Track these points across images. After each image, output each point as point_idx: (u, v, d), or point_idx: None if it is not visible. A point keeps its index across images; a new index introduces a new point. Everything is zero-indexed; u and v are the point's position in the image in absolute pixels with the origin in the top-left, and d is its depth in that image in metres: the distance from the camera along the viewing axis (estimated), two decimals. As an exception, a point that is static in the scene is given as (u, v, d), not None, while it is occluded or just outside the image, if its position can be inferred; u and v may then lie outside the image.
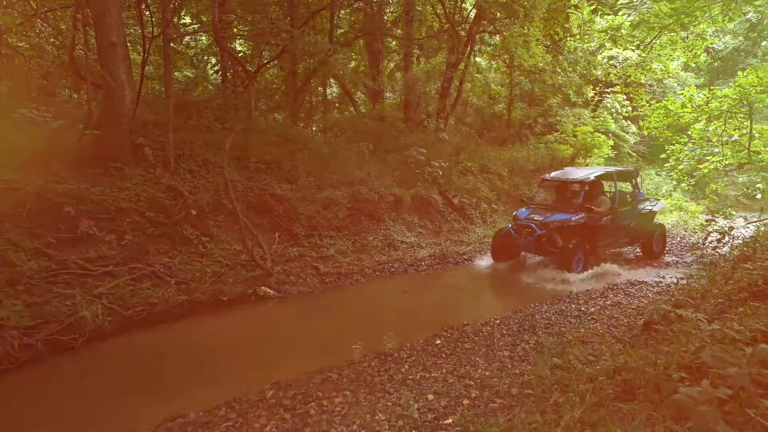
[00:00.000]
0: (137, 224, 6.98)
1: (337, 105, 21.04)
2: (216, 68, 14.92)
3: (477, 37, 16.74)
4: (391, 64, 21.07)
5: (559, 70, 16.74)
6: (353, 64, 18.12)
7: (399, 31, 16.62)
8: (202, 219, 7.73)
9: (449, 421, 3.78)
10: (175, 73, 13.86)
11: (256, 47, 13.92)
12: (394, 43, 19.64)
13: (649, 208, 9.90)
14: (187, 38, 15.18)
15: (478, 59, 19.87)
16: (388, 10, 16.91)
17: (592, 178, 8.74)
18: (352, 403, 4.17)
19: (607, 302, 6.86)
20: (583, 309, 6.59)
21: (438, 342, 5.58)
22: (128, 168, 7.49)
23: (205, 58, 16.25)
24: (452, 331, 5.96)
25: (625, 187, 10.91)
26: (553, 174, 9.77)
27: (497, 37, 16.66)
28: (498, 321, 6.22)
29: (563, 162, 15.50)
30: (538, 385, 3.81)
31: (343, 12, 16.87)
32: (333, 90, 21.93)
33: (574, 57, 16.56)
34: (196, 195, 7.86)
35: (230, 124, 9.54)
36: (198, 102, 10.64)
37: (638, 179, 10.04)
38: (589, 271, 8.41)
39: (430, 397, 4.22)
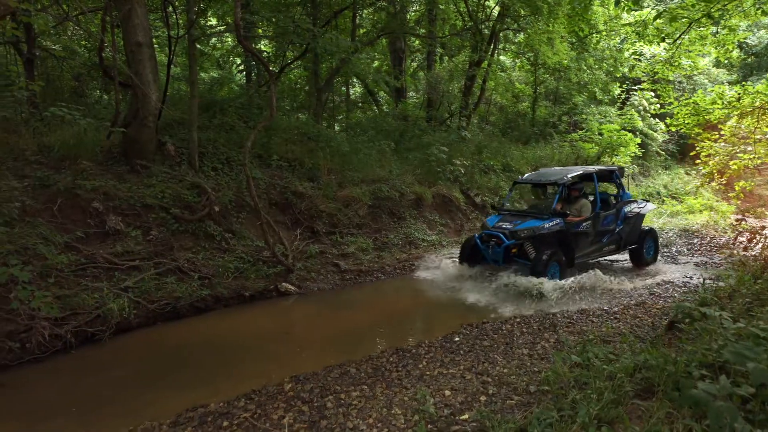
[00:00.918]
0: (162, 220, 7.15)
1: (360, 104, 21.15)
2: (240, 68, 15.16)
3: (500, 35, 16.60)
4: (414, 64, 21.06)
5: (585, 68, 16.45)
6: (376, 63, 18.18)
7: (422, 30, 16.60)
8: (225, 216, 7.87)
9: (465, 416, 3.77)
10: (202, 75, 14.16)
11: (279, 48, 14.10)
12: (417, 42, 19.63)
13: (637, 210, 8.92)
14: (213, 40, 15.50)
15: (501, 57, 19.71)
16: (411, 9, 16.89)
17: (567, 179, 7.92)
18: (369, 397, 4.19)
19: (632, 302, 6.72)
20: (605, 308, 6.47)
21: (456, 339, 5.57)
22: (154, 165, 7.69)
23: (230, 59, 16.56)
24: (471, 328, 5.93)
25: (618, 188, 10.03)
26: (526, 176, 9.07)
27: (521, 35, 16.49)
28: (519, 319, 6.17)
29: (587, 161, 15.22)
30: (556, 382, 3.76)
31: (365, 12, 16.94)
32: (356, 90, 22.06)
33: (600, 54, 16.24)
34: (220, 192, 8.01)
35: (253, 123, 9.68)
36: (222, 101, 10.83)
37: (623, 179, 9.07)
38: (569, 281, 7.28)
39: (447, 393, 4.21)
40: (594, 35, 15.55)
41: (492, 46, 15.79)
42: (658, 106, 17.15)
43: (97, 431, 3.80)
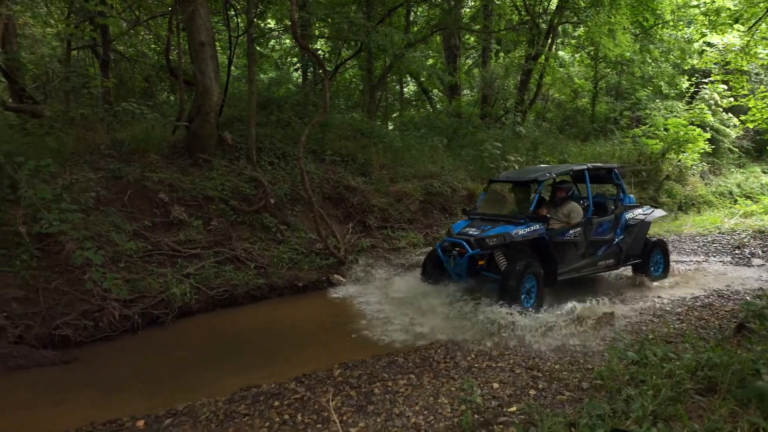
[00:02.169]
0: (222, 211, 7.49)
1: (413, 102, 21.19)
2: (297, 67, 15.58)
3: (559, 28, 16.11)
4: (469, 61, 20.84)
5: (649, 60, 15.64)
6: (430, 61, 18.15)
7: (477, 25, 16.40)
8: (281, 208, 8.13)
9: (513, 408, 3.71)
10: (261, 76, 14.68)
11: (334, 47, 14.40)
12: (472, 39, 19.41)
13: (641, 217, 7.44)
14: (272, 42, 16.06)
15: (560, 53, 19.12)
16: (466, 5, 16.75)
17: (549, 176, 6.69)
18: (416, 386, 4.21)
19: (697, 303, 6.35)
20: (668, 308, 6.15)
21: (505, 334, 5.47)
22: (215, 159, 8.07)
23: (288, 59, 17.08)
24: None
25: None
26: (503, 174, 7.92)
27: (581, 28, 15.93)
28: (570, 317, 5.98)
29: (651, 157, 14.46)
30: (610, 377, 3.62)
31: (420, 9, 16.95)
32: (410, 89, 22.11)
33: (666, 45, 15.38)
34: (275, 185, 8.29)
35: (308, 120, 9.93)
36: (279, 99, 11.19)
37: (623, 180, 7.62)
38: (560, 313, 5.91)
39: (495, 385, 4.16)
40: (660, 26, 14.74)
41: (549, 41, 15.36)
42: (731, 99, 16.01)
43: (160, 404, 4.02)
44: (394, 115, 18.72)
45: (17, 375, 4.67)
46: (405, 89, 21.63)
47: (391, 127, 15.10)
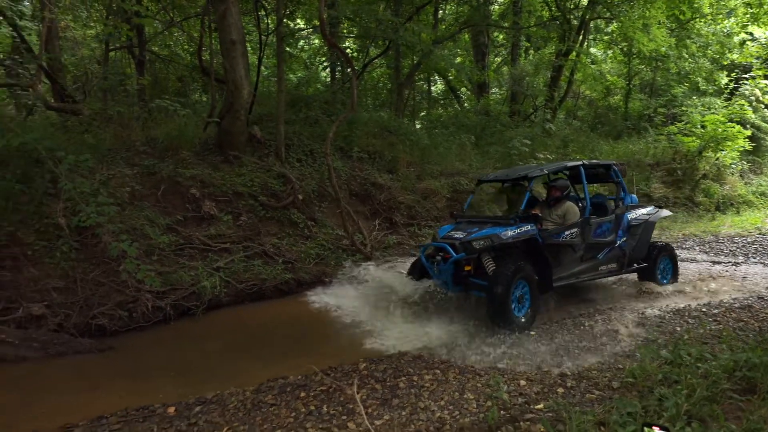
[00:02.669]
0: (251, 207, 7.63)
1: (441, 101, 21.11)
2: (325, 65, 15.72)
3: (591, 24, 15.78)
4: (498, 59, 20.63)
5: (686, 56, 15.15)
6: (458, 59, 18.06)
7: (506, 23, 16.22)
8: (308, 204, 8.22)
9: (540, 406, 3.65)
10: (290, 76, 14.88)
11: (362, 46, 14.48)
12: (500, 36, 19.21)
13: (645, 218, 6.91)
14: (301, 42, 16.27)
15: (591, 49, 18.73)
16: (495, 2, 16.59)
17: (540, 173, 6.10)
18: (442, 381, 4.19)
19: (735, 305, 6.11)
20: (704, 310, 5.94)
21: (533, 333, 5.39)
22: (244, 156, 8.23)
23: (316, 59, 17.26)
24: (550, 323, 5.71)
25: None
26: (492, 174, 7.48)
27: (614, 23, 15.57)
28: (601, 316, 5.85)
29: (687, 156, 14.00)
30: (642, 377, 3.53)
31: (448, 7, 16.88)
32: (437, 87, 22.04)
33: (704, 40, 14.85)
34: (303, 182, 8.40)
35: (336, 117, 10.02)
36: (307, 98, 11.32)
37: (624, 178, 7.01)
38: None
39: (522, 382, 4.10)
40: (698, 19, 14.25)
41: (581, 37, 15.06)
42: (775, 95, 15.39)
43: (190, 392, 4.12)
44: (422, 114, 18.69)
45: (57, 361, 4.87)
46: (432, 88, 21.59)
47: (418, 126, 15.08)
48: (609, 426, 2.99)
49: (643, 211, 7.03)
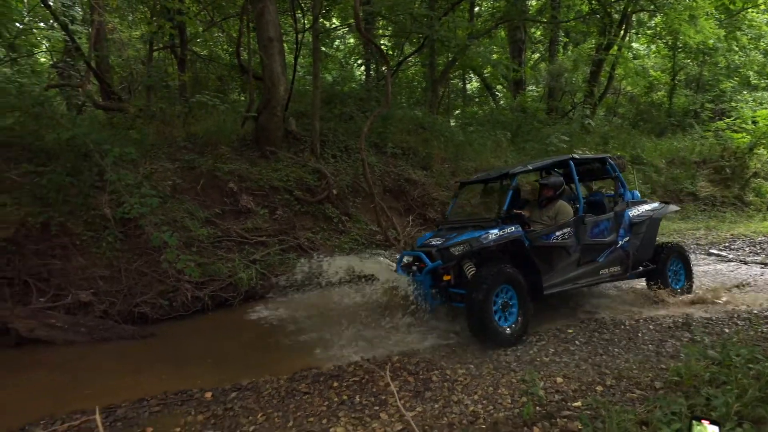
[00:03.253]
0: (287, 201, 7.76)
1: (476, 99, 20.89)
2: (360, 63, 15.81)
3: (632, 18, 15.27)
4: (535, 55, 20.26)
5: (736, 48, 14.45)
6: (494, 56, 17.82)
7: (544, 17, 15.89)
8: (342, 199, 8.29)
9: (578, 403, 3.54)
10: (326, 76, 15.04)
11: (397, 43, 14.49)
12: (538, 32, 18.85)
13: (649, 214, 6.26)
14: (336, 42, 16.43)
15: (634, 44, 18.14)
16: (532, -4, 16.30)
17: (521, 170, 5.50)
18: (475, 376, 4.13)
19: (790, 308, 5.78)
20: (755, 311, 5.65)
21: (570, 330, 5.25)
22: (281, 152, 8.37)
23: (351, 59, 17.38)
24: (588, 321, 5.55)
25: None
26: (475, 175, 6.94)
27: (657, 16, 15.01)
28: (644, 318, 5.65)
29: (736, 153, 13.35)
30: (688, 375, 3.38)
31: (484, 3, 16.68)
32: (473, 85, 21.82)
33: (757, 30, 14.13)
34: (338, 177, 8.48)
35: (370, 114, 10.06)
36: (342, 95, 11.41)
37: (621, 173, 6.38)
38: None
39: (559, 379, 4.00)
40: (750, 9, 13.57)
41: (622, 31, 14.58)
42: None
43: (226, 379, 4.22)
44: (456, 112, 18.53)
45: (102, 346, 5.08)
46: (467, 86, 21.39)
47: (452, 124, 14.97)
48: (652, 425, 2.88)
49: (647, 207, 6.38)
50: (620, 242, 5.98)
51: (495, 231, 4.97)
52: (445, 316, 5.61)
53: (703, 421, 2.11)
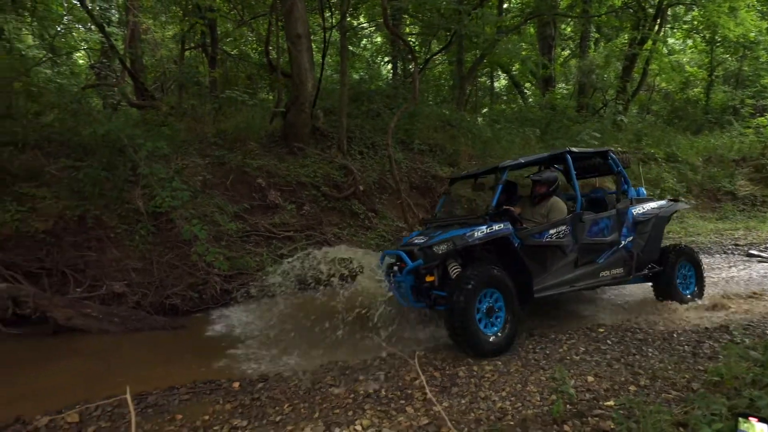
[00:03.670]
0: (314, 197, 7.82)
1: (504, 97, 20.64)
2: (387, 61, 15.82)
3: (668, 11, 14.82)
4: (565, 52, 19.88)
5: (780, 41, 13.88)
6: (523, 53, 17.56)
7: (575, 12, 15.57)
8: (369, 196, 8.31)
9: (611, 403, 3.45)
10: (353, 75, 15.11)
11: (425, 41, 14.43)
12: (568, 29, 18.48)
13: (655, 212, 5.80)
14: (363, 41, 16.49)
15: (669, 40, 17.61)
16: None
17: (511, 164, 5.09)
18: (503, 372, 4.07)
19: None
20: (801, 314, 5.41)
21: (601, 330, 5.12)
22: (308, 148, 8.45)
23: (379, 58, 17.41)
24: (616, 324, 5.41)
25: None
26: (465, 171, 6.40)
27: (695, 10, 14.52)
28: (679, 318, 5.47)
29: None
30: (729, 376, 3.25)
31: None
32: (500, 83, 21.57)
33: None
34: (364, 174, 8.51)
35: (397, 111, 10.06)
36: (369, 92, 11.43)
37: (626, 169, 5.93)
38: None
39: (590, 378, 3.90)
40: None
41: (657, 26, 14.17)
42: None
43: (253, 370, 4.29)
44: (484, 110, 18.35)
45: (134, 335, 5.22)
46: (495, 84, 21.15)
47: (480, 121, 14.83)
48: (691, 425, 2.77)
49: (652, 204, 5.91)
50: (623, 242, 5.57)
51: (481, 228, 4.63)
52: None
53: (750, 418, 2.01)
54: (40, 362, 4.67)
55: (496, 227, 4.65)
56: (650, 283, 6.01)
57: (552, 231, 5.06)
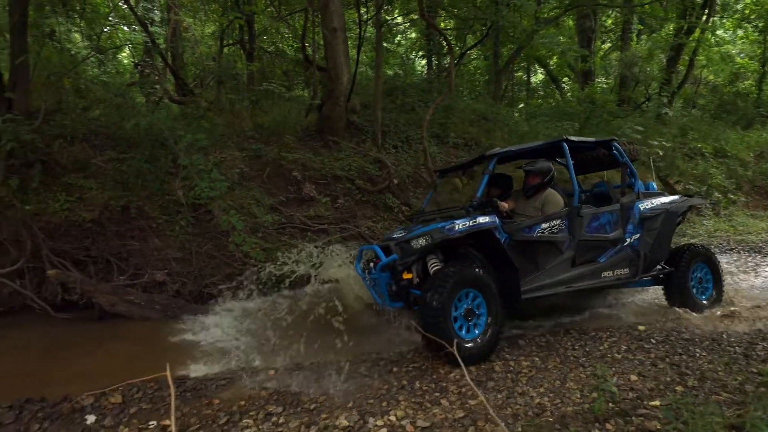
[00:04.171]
0: (348, 190, 7.85)
1: (540, 92, 20.22)
2: (422, 55, 15.74)
3: (717, 0, 14.16)
4: (605, 45, 19.28)
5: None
6: (562, 45, 17.12)
7: (617, 3, 15.04)
8: (403, 189, 8.28)
9: (656, 403, 3.32)
10: (387, 71, 15.10)
11: (459, 36, 14.27)
12: (609, 21, 17.91)
13: (664, 207, 5.30)
14: (398, 38, 16.46)
15: (719, 31, 16.82)
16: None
17: (501, 152, 4.76)
18: (541, 369, 3.99)
19: None
20: None
21: (642, 327, 4.94)
22: (343, 141, 8.49)
23: (414, 54, 17.33)
24: (664, 321, 5.21)
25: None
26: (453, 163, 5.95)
27: (747, -3, 13.85)
28: (728, 320, 5.21)
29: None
30: (788, 377, 3.07)
31: (552, -10, 16.02)
32: (537, 78, 21.12)
33: None
34: (399, 167, 8.48)
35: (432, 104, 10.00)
36: (404, 86, 11.40)
37: (634, 162, 5.54)
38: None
39: (633, 377, 3.77)
40: None
41: (705, 14, 13.54)
42: None
43: (289, 359, 4.33)
44: (520, 105, 18.01)
45: (172, 323, 5.35)
46: (532, 78, 20.73)
47: (516, 116, 14.56)
48: (746, 429, 2.63)
49: (662, 199, 5.38)
50: (628, 240, 5.12)
51: (463, 221, 4.24)
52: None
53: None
54: (86, 346, 4.86)
55: (480, 220, 4.29)
56: (661, 287, 5.54)
57: (545, 225, 4.68)
